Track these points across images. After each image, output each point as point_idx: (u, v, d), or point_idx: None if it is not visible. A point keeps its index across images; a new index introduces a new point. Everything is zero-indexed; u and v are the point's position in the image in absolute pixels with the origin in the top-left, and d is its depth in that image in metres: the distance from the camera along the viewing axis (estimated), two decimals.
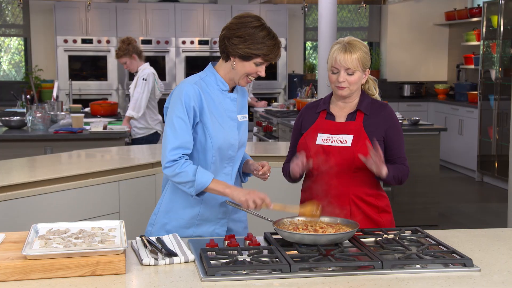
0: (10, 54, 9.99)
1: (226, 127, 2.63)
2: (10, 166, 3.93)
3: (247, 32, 2.51)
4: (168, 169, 2.53)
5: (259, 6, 9.36)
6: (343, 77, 2.70)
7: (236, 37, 2.52)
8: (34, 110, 5.79)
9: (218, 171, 2.65)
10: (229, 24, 2.57)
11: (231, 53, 2.56)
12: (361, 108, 2.77)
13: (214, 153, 2.61)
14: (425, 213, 6.33)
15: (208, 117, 2.58)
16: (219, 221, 2.73)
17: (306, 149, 2.76)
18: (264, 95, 9.33)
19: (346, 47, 2.70)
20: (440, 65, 10.82)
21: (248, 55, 2.53)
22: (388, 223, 2.80)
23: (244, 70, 2.57)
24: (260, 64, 2.57)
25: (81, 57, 9.15)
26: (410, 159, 6.08)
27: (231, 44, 2.53)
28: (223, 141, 2.61)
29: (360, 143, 2.69)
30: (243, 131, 2.72)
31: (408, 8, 10.55)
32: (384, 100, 7.57)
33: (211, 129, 2.58)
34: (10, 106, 8.28)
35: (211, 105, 2.60)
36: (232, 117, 2.66)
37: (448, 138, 9.30)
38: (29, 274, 2.00)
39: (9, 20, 9.78)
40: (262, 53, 2.53)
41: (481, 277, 2.09)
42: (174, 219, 2.70)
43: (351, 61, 2.68)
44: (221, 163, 2.66)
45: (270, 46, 2.53)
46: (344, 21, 10.76)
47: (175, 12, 9.22)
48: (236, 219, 2.80)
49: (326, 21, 6.42)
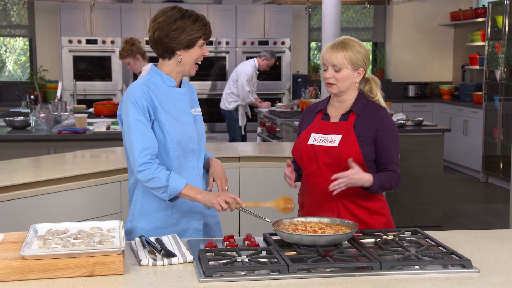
0: (15, 55, 10.02)
1: (182, 121, 2.68)
2: (13, 166, 3.94)
3: (179, 23, 2.60)
4: (141, 174, 2.56)
5: (264, 6, 9.35)
6: (330, 73, 2.73)
7: (173, 31, 2.60)
8: (38, 110, 5.80)
9: (183, 166, 2.69)
10: (156, 25, 2.63)
11: (175, 47, 2.63)
12: (354, 108, 2.76)
13: (175, 148, 2.65)
14: (428, 214, 6.31)
15: (163, 114, 2.63)
16: (194, 216, 2.77)
17: (299, 149, 2.79)
18: (268, 95, 9.32)
19: (336, 45, 2.74)
20: (445, 66, 10.79)
21: (192, 41, 2.63)
22: (382, 225, 2.77)
23: (192, 58, 2.66)
24: (203, 45, 2.68)
25: (85, 57, 9.17)
26: (413, 159, 6.14)
27: (171, 39, 2.61)
28: (181, 135, 2.66)
29: (347, 144, 2.68)
30: (200, 124, 2.78)
31: (413, 9, 10.53)
32: (388, 101, 7.56)
33: (168, 125, 2.63)
34: (15, 106, 8.30)
35: (163, 102, 2.65)
36: (186, 110, 2.72)
37: (453, 138, 9.28)
38: (27, 274, 2.00)
39: (14, 20, 9.81)
40: (203, 33, 2.64)
41: (480, 278, 2.08)
42: (150, 221, 2.72)
43: (337, 58, 2.70)
44: (185, 158, 2.69)
45: (203, 26, 2.65)
46: (350, 21, 10.74)
47: None
48: (209, 214, 2.83)
49: (329, 22, 6.41)
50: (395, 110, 9.19)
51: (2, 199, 3.39)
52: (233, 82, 8.09)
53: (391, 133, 2.74)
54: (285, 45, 9.57)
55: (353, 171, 2.57)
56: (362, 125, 2.72)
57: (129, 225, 2.76)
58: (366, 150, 2.69)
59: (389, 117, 2.78)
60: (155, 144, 2.60)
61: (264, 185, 4.27)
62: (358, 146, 2.66)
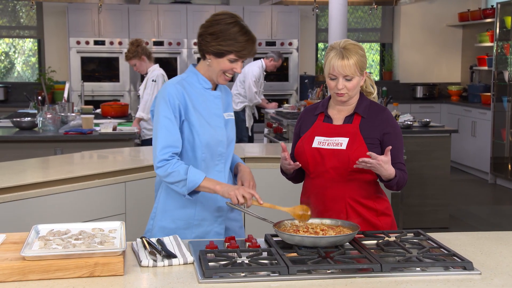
0: (24, 56, 10.07)
1: (213, 123, 2.66)
2: (20, 166, 3.95)
3: (219, 29, 2.55)
4: (160, 169, 2.56)
5: (271, 7, 9.35)
6: (341, 84, 2.68)
7: (208, 34, 2.57)
8: (45, 111, 5.83)
9: (209, 168, 2.67)
10: (204, 23, 2.62)
11: (205, 50, 2.60)
12: (358, 111, 2.74)
13: (203, 150, 2.63)
14: (435, 216, 6.29)
15: (194, 115, 2.61)
16: (216, 219, 2.74)
17: (303, 152, 2.75)
18: (276, 96, 9.32)
19: (343, 53, 2.66)
20: (453, 66, 10.75)
21: (220, 52, 2.57)
22: (388, 226, 2.77)
23: (219, 67, 2.61)
24: (235, 61, 2.60)
25: (93, 58, 9.20)
26: (420, 161, 6.11)
27: (204, 41, 2.58)
28: (211, 138, 2.64)
29: (355, 146, 2.66)
30: (230, 128, 2.75)
31: (421, 9, 10.49)
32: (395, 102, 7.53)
33: (198, 126, 2.61)
34: (23, 107, 8.35)
35: (196, 103, 2.63)
36: (218, 114, 2.69)
37: (461, 140, 9.24)
38: (27, 275, 2.01)
39: (23, 21, 9.86)
40: (234, 50, 2.56)
41: (481, 281, 2.07)
42: (172, 221, 2.70)
43: (349, 67, 2.65)
44: (212, 160, 2.68)
45: (241, 42, 2.55)
46: (358, 22, 10.72)
47: (187, 13, 9.25)
48: (232, 218, 2.81)
49: (336, 23, 6.41)
50: (403, 111, 9.17)
51: (9, 199, 3.40)
52: (240, 83, 8.09)
53: (398, 134, 2.74)
54: (293, 46, 9.57)
55: (385, 159, 2.56)
56: (368, 127, 2.71)
57: (151, 222, 2.76)
58: (374, 151, 2.67)
59: (393, 117, 2.78)
60: (178, 144, 2.59)
61: (270, 186, 4.26)
62: (366, 148, 2.65)
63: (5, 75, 9.98)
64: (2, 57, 10.00)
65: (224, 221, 2.76)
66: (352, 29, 10.63)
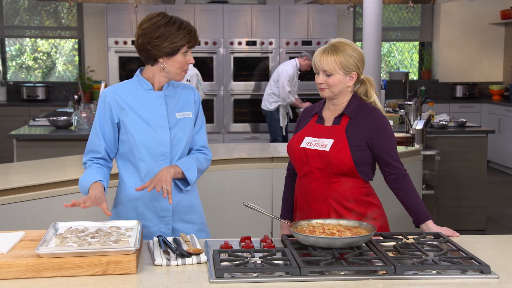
0: (66, 56, 10.26)
1: (153, 124, 2.68)
2: (61, 163, 4.03)
3: (162, 30, 2.60)
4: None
5: (307, 6, 9.30)
6: (321, 78, 2.71)
7: (155, 39, 2.61)
8: (80, 110, 5.92)
9: (152, 169, 2.69)
10: (141, 32, 2.64)
11: (157, 55, 2.64)
12: (346, 111, 2.73)
13: (139, 150, 2.67)
14: (471, 217, 6.17)
15: (129, 116, 2.66)
16: (162, 219, 2.74)
17: (292, 151, 2.78)
18: (310, 96, 9.26)
19: (328, 50, 2.69)
20: (495, 66, 10.53)
21: (175, 49, 2.62)
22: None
23: (176, 65, 2.66)
24: (187, 52, 2.67)
25: (131, 58, 9.30)
26: (455, 161, 6.01)
27: (153, 47, 2.62)
28: (149, 138, 2.67)
29: (338, 148, 2.65)
30: (181, 128, 2.72)
31: (462, 7, 10.31)
32: (431, 102, 7.38)
33: (131, 127, 2.66)
34: (63, 106, 8.51)
35: (134, 104, 2.68)
36: (161, 114, 2.69)
37: (502, 140, 9.04)
38: (41, 272, 2.04)
39: (64, 22, 10.04)
40: (186, 41, 2.64)
41: (498, 285, 2.02)
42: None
43: (327, 63, 2.67)
44: (154, 161, 2.69)
45: (187, 33, 2.64)
46: (398, 21, 10.60)
47: (223, 13, 9.27)
48: (186, 220, 2.80)
49: (371, 21, 6.33)
50: (441, 110, 9.02)
51: (50, 194, 3.52)
52: (274, 82, 8.08)
53: (387, 134, 2.71)
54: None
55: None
56: (355, 129, 2.69)
57: None
58: (358, 154, 2.65)
59: (381, 117, 2.73)
60: (98, 149, 2.70)
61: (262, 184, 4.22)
62: (349, 151, 2.64)
63: (47, 75, 10.19)
64: (44, 57, 10.21)
65: (170, 221, 2.75)
66: (390, 28, 10.52)
